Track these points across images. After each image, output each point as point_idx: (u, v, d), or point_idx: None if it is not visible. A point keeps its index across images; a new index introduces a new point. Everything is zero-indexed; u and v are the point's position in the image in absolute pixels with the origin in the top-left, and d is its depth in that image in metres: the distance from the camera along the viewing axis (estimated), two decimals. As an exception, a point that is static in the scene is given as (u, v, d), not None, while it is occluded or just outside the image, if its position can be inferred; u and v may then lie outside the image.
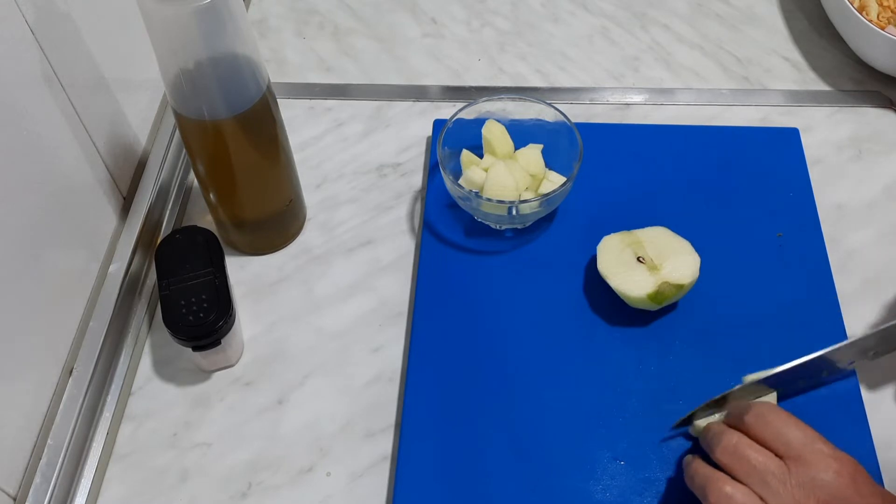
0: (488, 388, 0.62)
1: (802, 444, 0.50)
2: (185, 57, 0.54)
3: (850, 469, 0.49)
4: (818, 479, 0.48)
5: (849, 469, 0.49)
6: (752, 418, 0.52)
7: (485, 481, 0.58)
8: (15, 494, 0.55)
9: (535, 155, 0.69)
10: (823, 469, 0.49)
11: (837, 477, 0.48)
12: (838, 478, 0.48)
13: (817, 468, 0.49)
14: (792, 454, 0.50)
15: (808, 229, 0.69)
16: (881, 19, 0.79)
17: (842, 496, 0.48)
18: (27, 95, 0.56)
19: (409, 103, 0.81)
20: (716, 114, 0.79)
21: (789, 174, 0.73)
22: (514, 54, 0.85)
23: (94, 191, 0.65)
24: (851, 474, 0.49)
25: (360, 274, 0.70)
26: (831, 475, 0.48)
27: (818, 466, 0.49)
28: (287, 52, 0.85)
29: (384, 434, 0.62)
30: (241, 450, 0.61)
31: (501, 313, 0.66)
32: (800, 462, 0.49)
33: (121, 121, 0.69)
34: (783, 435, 0.51)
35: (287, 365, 0.65)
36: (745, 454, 0.51)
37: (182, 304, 0.59)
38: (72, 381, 0.60)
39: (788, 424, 0.51)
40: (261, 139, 0.62)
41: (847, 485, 0.48)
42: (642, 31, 0.87)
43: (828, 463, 0.49)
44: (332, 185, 0.75)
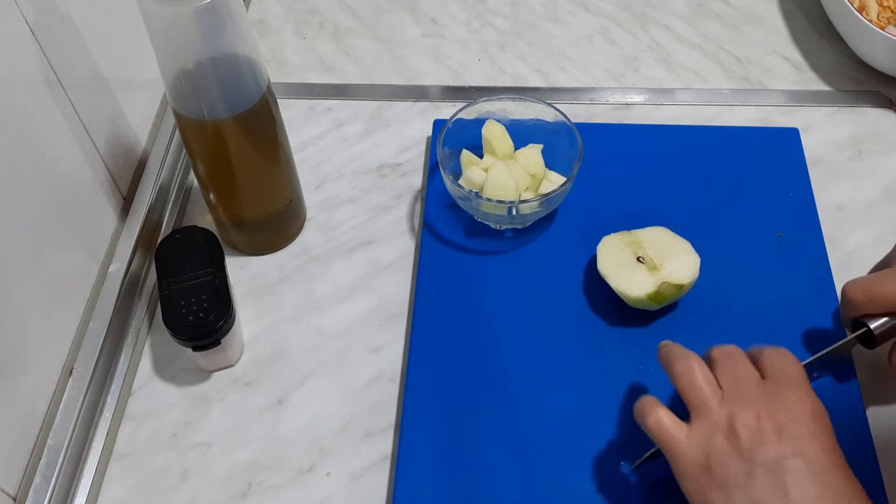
0: (488, 388, 0.62)
1: (788, 375, 0.51)
2: (185, 57, 0.54)
3: (813, 407, 0.49)
4: (781, 393, 0.49)
5: (812, 405, 0.49)
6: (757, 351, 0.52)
7: (485, 481, 0.58)
8: (15, 494, 0.55)
9: (535, 155, 0.69)
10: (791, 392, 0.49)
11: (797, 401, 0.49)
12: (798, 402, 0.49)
13: (785, 388, 0.50)
14: (775, 375, 0.51)
15: (808, 229, 0.69)
16: (881, 19, 0.79)
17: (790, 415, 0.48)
18: (27, 95, 0.56)
19: (409, 103, 0.81)
20: (716, 114, 0.79)
21: (789, 174, 0.73)
22: (514, 54, 0.85)
23: (94, 191, 0.65)
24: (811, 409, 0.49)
25: (360, 274, 0.70)
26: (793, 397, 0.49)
27: (788, 389, 0.49)
28: (287, 52, 0.85)
29: (384, 434, 0.62)
30: (241, 450, 0.61)
31: (501, 313, 0.66)
32: (775, 381, 0.50)
33: (121, 121, 0.69)
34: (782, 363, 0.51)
35: (287, 365, 0.65)
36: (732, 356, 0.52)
37: (182, 304, 0.59)
38: (72, 381, 0.60)
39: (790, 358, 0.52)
40: (261, 139, 0.62)
41: (802, 411, 0.48)
42: (642, 31, 0.87)
43: (796, 390, 0.49)
44: (332, 185, 0.75)
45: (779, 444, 0.47)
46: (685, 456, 0.49)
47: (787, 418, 0.48)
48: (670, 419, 0.51)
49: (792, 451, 0.47)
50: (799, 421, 0.48)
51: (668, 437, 0.50)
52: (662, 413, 0.51)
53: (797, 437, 0.48)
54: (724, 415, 0.49)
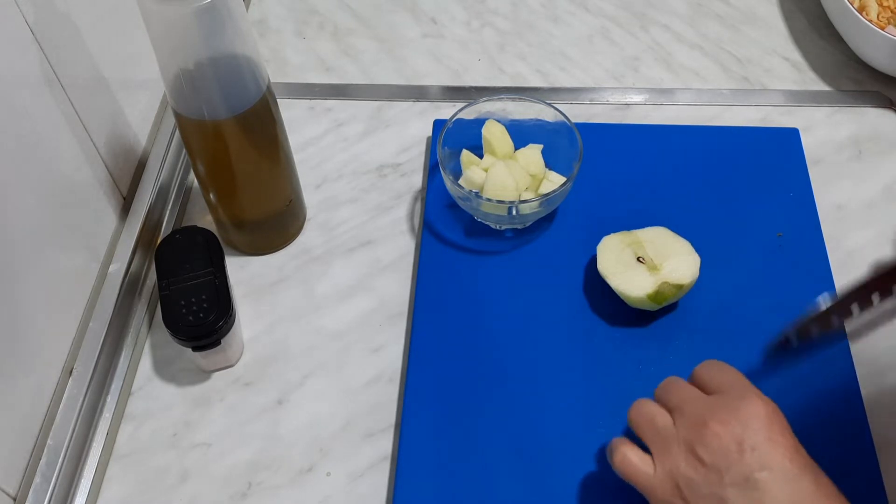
0: (488, 388, 0.62)
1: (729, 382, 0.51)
2: (185, 57, 0.54)
3: (765, 408, 0.49)
4: (730, 405, 0.49)
5: (764, 408, 0.49)
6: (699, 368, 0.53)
7: (485, 481, 0.58)
8: (15, 494, 0.55)
9: (535, 155, 0.69)
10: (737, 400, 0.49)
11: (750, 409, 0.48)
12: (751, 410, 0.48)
13: (733, 400, 0.49)
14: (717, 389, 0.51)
15: (808, 229, 0.69)
16: (881, 19, 0.79)
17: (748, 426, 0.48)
18: (27, 95, 0.56)
19: (409, 103, 0.81)
20: (716, 114, 0.79)
21: (789, 174, 0.73)
22: (514, 54, 0.85)
23: (94, 191, 0.65)
24: (766, 412, 0.48)
25: (360, 274, 0.70)
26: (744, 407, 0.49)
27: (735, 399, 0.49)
28: (287, 52, 0.85)
29: (384, 434, 0.62)
30: (241, 450, 0.61)
31: (501, 313, 0.66)
32: (720, 394, 0.50)
33: (121, 121, 0.69)
34: (716, 375, 0.52)
35: (287, 365, 0.65)
36: (673, 385, 0.53)
37: (182, 305, 0.59)
38: (72, 381, 0.60)
39: (724, 368, 0.52)
40: (261, 139, 0.62)
41: (757, 418, 0.48)
42: (642, 31, 0.87)
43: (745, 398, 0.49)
44: (332, 185, 0.75)
45: (742, 460, 0.47)
46: (656, 490, 0.50)
47: (743, 430, 0.48)
48: (637, 456, 0.51)
49: (757, 464, 0.47)
50: (756, 429, 0.48)
51: (635, 474, 0.51)
52: (628, 450, 0.52)
53: (757, 446, 0.47)
54: (682, 441, 0.49)
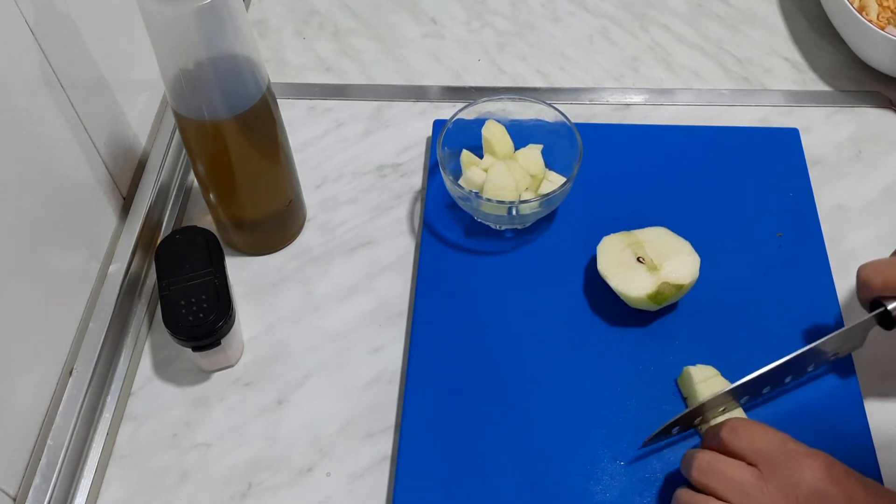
0: (488, 388, 0.62)
1: (774, 448, 0.51)
2: (185, 57, 0.54)
3: (823, 462, 0.49)
4: (794, 477, 0.49)
5: (822, 462, 0.49)
6: (726, 433, 0.52)
7: (485, 481, 0.58)
8: (15, 495, 0.55)
9: (535, 155, 0.69)
10: (797, 467, 0.49)
11: (812, 472, 0.49)
12: (813, 472, 0.49)
13: (791, 468, 0.49)
14: (765, 459, 0.50)
15: (808, 229, 0.69)
16: (881, 19, 0.79)
17: (819, 490, 0.48)
18: (27, 95, 0.56)
19: (409, 103, 0.81)
20: (716, 114, 0.79)
21: (789, 174, 0.73)
22: (514, 54, 0.85)
23: (93, 191, 0.65)
24: (826, 467, 0.49)
25: (360, 274, 0.70)
26: (806, 472, 0.49)
27: (792, 466, 0.49)
28: (287, 53, 0.85)
29: (384, 434, 0.62)
30: (241, 450, 0.61)
31: (501, 313, 0.66)
32: (774, 465, 0.50)
33: (121, 121, 0.69)
34: (755, 442, 0.51)
35: (287, 365, 0.65)
36: (719, 469, 0.51)
37: (182, 305, 0.59)
38: (72, 381, 0.60)
39: (758, 432, 0.52)
40: (261, 139, 0.62)
41: (823, 478, 0.49)
42: (642, 31, 0.87)
43: (801, 460, 0.50)
44: (332, 185, 0.75)
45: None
46: None
47: (806, 491, 0.48)
48: None
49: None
50: (829, 491, 0.48)
51: None
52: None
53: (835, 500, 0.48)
54: None
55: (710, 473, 0.51)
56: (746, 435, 0.52)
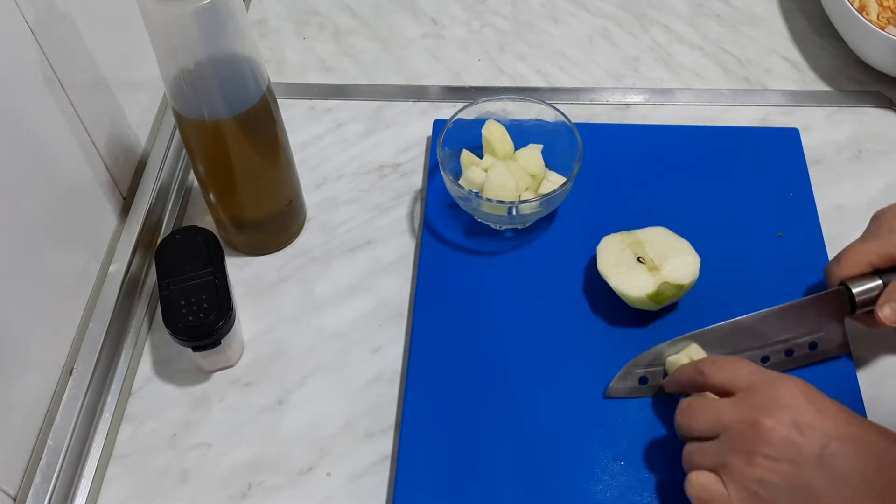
0: (488, 387, 0.62)
1: (752, 375, 0.51)
2: (185, 57, 0.54)
3: (799, 385, 0.50)
4: (770, 398, 0.50)
5: (798, 385, 0.50)
6: (707, 366, 0.54)
7: (485, 481, 0.58)
8: (15, 495, 0.55)
9: (535, 155, 0.69)
10: (774, 389, 0.50)
11: (787, 392, 0.49)
12: (788, 393, 0.49)
13: (768, 390, 0.50)
14: (745, 386, 0.51)
15: (808, 229, 0.69)
16: (881, 19, 0.79)
17: (794, 408, 0.49)
18: (27, 95, 0.56)
19: (409, 103, 0.81)
20: (716, 114, 0.79)
21: (789, 174, 0.73)
22: (514, 54, 0.85)
23: (93, 191, 0.65)
24: (802, 389, 0.50)
25: (360, 274, 0.70)
26: (781, 392, 0.49)
27: (769, 389, 0.50)
28: (287, 53, 0.85)
29: (384, 434, 0.62)
30: (241, 450, 0.61)
31: (501, 313, 0.66)
32: (752, 391, 0.50)
33: (121, 121, 0.69)
34: (735, 371, 0.52)
35: (287, 365, 0.65)
36: (696, 405, 0.53)
37: (182, 305, 0.59)
38: (72, 381, 0.60)
39: (738, 361, 0.53)
40: (261, 139, 0.62)
41: (798, 397, 0.49)
42: (642, 31, 0.87)
43: (778, 383, 0.50)
44: (332, 185, 0.75)
45: (807, 441, 0.48)
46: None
47: (793, 414, 0.49)
48: (710, 480, 0.51)
49: (823, 439, 0.47)
50: (804, 408, 0.49)
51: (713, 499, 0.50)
52: (697, 476, 0.51)
53: (814, 423, 0.48)
54: (739, 452, 0.49)
55: (691, 415, 0.53)
56: (727, 365, 0.53)
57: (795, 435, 0.48)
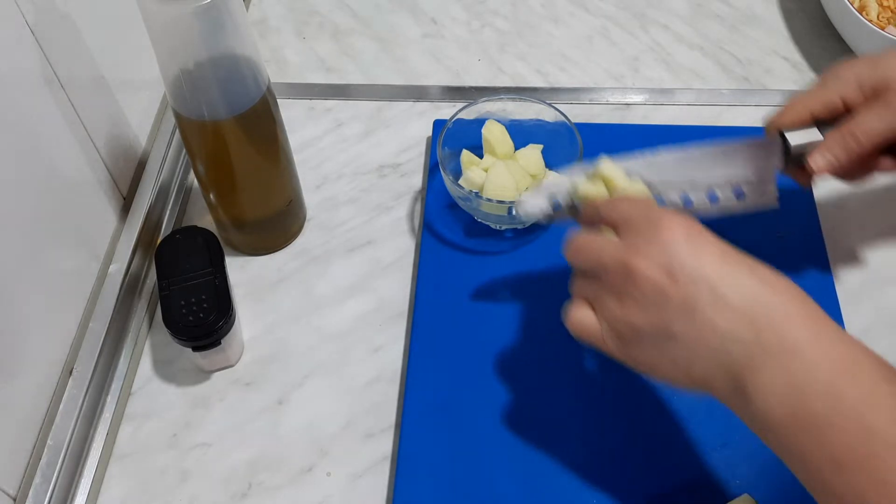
0: (488, 388, 0.62)
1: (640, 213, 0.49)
2: (186, 57, 0.54)
3: (682, 225, 0.47)
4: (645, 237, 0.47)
5: (681, 225, 0.47)
6: (602, 205, 0.52)
7: (485, 481, 0.58)
8: (15, 494, 0.55)
9: (535, 155, 0.69)
10: (652, 230, 0.47)
11: (667, 233, 0.47)
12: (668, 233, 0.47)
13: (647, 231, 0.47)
14: (629, 224, 0.49)
15: (809, 229, 0.69)
16: (881, 19, 0.79)
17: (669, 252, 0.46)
18: (27, 95, 0.56)
19: (409, 103, 0.81)
20: (716, 114, 0.79)
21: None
22: (513, 55, 0.85)
23: (93, 191, 0.65)
24: (683, 230, 0.47)
25: (360, 274, 0.70)
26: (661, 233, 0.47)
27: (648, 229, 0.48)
28: (287, 53, 0.85)
29: (384, 434, 0.62)
30: (241, 450, 0.61)
31: (501, 313, 0.66)
32: (635, 229, 0.48)
33: (121, 121, 0.69)
34: (623, 211, 0.50)
35: (287, 365, 0.65)
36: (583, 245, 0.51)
37: (182, 305, 0.60)
38: (72, 381, 0.60)
39: (632, 200, 0.52)
40: (261, 139, 0.62)
41: (677, 239, 0.46)
42: (642, 31, 0.87)
43: (659, 224, 0.47)
44: (332, 185, 0.75)
45: (676, 285, 0.46)
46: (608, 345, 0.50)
47: (666, 257, 0.46)
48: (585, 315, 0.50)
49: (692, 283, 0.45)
50: (678, 250, 0.46)
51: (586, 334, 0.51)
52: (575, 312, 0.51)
53: (685, 265, 0.46)
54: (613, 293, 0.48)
55: (576, 250, 0.51)
56: (620, 204, 0.51)
57: (665, 280, 0.46)
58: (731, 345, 0.45)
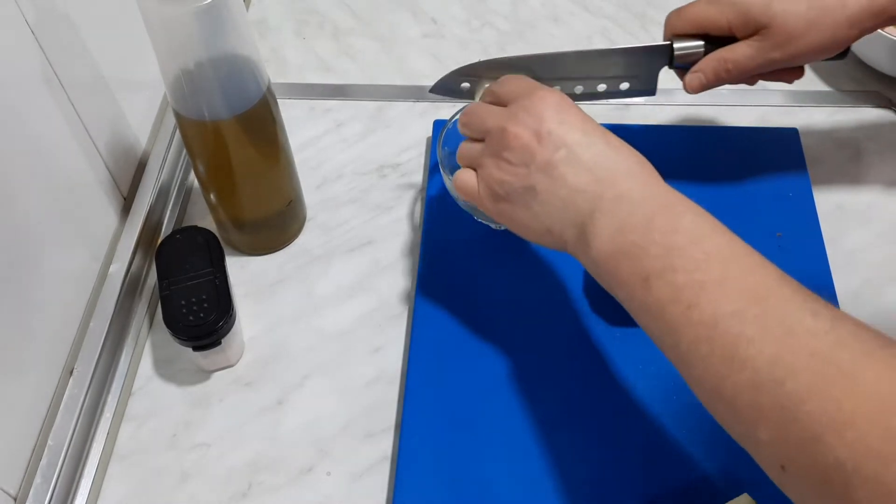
0: (488, 388, 0.62)
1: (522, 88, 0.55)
2: (186, 57, 0.54)
3: (555, 98, 0.53)
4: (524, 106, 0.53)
5: (554, 97, 0.53)
6: (495, 84, 0.58)
7: (485, 482, 0.58)
8: (15, 494, 0.55)
9: None
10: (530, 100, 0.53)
11: (540, 103, 0.53)
12: (541, 103, 0.53)
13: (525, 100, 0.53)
14: (511, 97, 0.55)
15: (808, 229, 0.69)
16: (881, 19, 0.79)
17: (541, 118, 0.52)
18: (27, 96, 0.56)
19: (409, 103, 0.81)
20: (716, 114, 0.79)
21: (789, 174, 0.73)
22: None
23: (94, 191, 0.65)
24: (555, 101, 0.53)
25: (360, 274, 0.70)
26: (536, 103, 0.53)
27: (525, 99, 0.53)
28: (287, 52, 0.85)
29: (384, 434, 0.62)
30: (241, 450, 0.61)
31: (501, 313, 0.66)
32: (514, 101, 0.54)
33: (121, 121, 0.69)
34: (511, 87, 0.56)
35: (287, 365, 0.65)
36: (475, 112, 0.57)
37: (182, 305, 0.60)
38: (72, 381, 0.60)
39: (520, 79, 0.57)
40: (261, 140, 0.63)
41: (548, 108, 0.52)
42: (642, 31, 0.87)
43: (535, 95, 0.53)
44: (332, 185, 0.75)
45: (541, 148, 0.52)
46: (483, 200, 0.55)
47: (537, 122, 0.52)
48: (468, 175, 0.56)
49: (554, 147, 0.51)
50: (548, 117, 0.52)
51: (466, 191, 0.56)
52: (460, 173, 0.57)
53: (552, 131, 0.52)
54: (491, 153, 0.54)
55: (467, 115, 0.57)
56: (509, 81, 0.57)
57: (534, 142, 0.52)
58: (579, 198, 0.51)
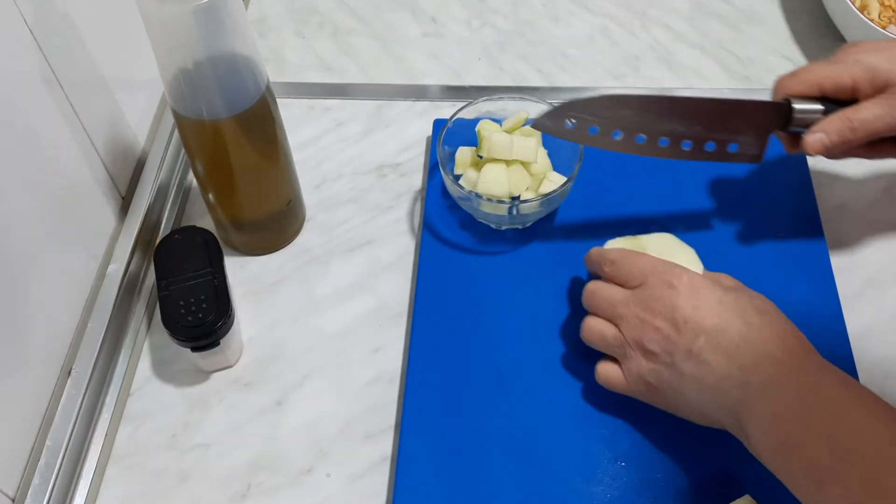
0: (488, 388, 0.62)
1: (645, 272, 0.57)
2: (185, 57, 0.54)
3: (685, 281, 0.55)
4: (654, 295, 0.55)
5: (684, 281, 0.55)
6: (607, 267, 0.59)
7: (485, 482, 0.58)
8: (14, 495, 0.55)
9: (531, 143, 0.67)
10: (659, 287, 0.55)
11: (671, 289, 0.55)
12: (671, 290, 0.55)
13: (654, 287, 0.56)
14: (638, 283, 0.57)
15: (810, 229, 0.69)
16: (882, 19, 0.79)
17: (675, 306, 0.54)
18: (26, 95, 0.56)
19: (409, 103, 0.81)
20: (716, 113, 0.79)
21: (790, 174, 0.72)
22: (514, 54, 0.85)
23: (92, 191, 0.65)
24: (687, 285, 0.55)
25: (360, 274, 0.69)
26: (666, 290, 0.55)
27: (656, 286, 0.56)
28: (286, 52, 0.85)
29: (384, 435, 0.62)
30: (241, 451, 0.61)
31: (501, 313, 0.65)
32: (643, 286, 0.56)
33: (120, 121, 0.69)
34: (630, 269, 0.58)
35: (286, 365, 0.65)
36: (598, 293, 0.59)
37: (181, 305, 0.59)
38: (70, 381, 0.60)
39: (633, 260, 0.58)
40: (260, 139, 0.62)
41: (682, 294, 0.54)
42: (643, 30, 0.87)
43: (663, 281, 0.56)
44: (332, 185, 0.75)
45: (681, 337, 0.54)
46: (636, 392, 0.58)
47: (673, 311, 0.54)
48: (613, 370, 0.58)
49: (693, 335, 0.53)
50: (682, 305, 0.54)
51: (616, 386, 0.58)
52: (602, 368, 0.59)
53: (688, 319, 0.54)
54: (633, 345, 0.56)
55: (592, 296, 0.59)
56: (624, 265, 0.58)
57: (673, 332, 0.54)
58: (726, 384, 0.52)
